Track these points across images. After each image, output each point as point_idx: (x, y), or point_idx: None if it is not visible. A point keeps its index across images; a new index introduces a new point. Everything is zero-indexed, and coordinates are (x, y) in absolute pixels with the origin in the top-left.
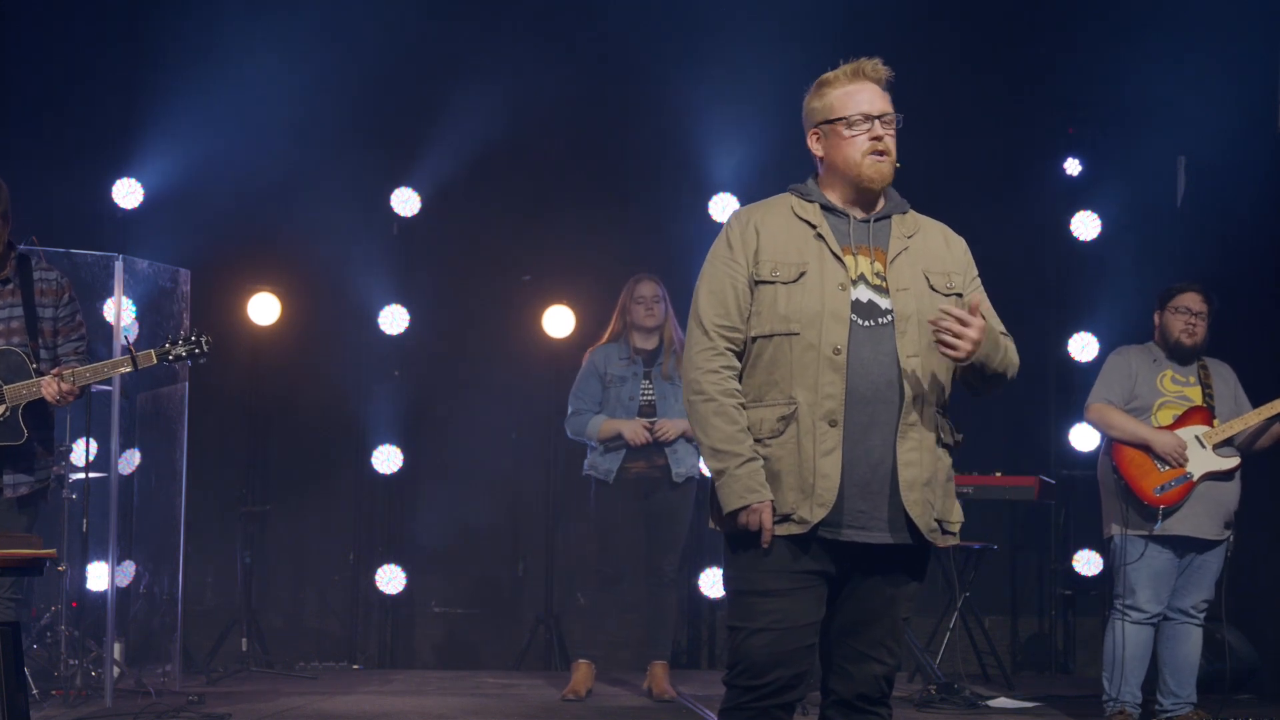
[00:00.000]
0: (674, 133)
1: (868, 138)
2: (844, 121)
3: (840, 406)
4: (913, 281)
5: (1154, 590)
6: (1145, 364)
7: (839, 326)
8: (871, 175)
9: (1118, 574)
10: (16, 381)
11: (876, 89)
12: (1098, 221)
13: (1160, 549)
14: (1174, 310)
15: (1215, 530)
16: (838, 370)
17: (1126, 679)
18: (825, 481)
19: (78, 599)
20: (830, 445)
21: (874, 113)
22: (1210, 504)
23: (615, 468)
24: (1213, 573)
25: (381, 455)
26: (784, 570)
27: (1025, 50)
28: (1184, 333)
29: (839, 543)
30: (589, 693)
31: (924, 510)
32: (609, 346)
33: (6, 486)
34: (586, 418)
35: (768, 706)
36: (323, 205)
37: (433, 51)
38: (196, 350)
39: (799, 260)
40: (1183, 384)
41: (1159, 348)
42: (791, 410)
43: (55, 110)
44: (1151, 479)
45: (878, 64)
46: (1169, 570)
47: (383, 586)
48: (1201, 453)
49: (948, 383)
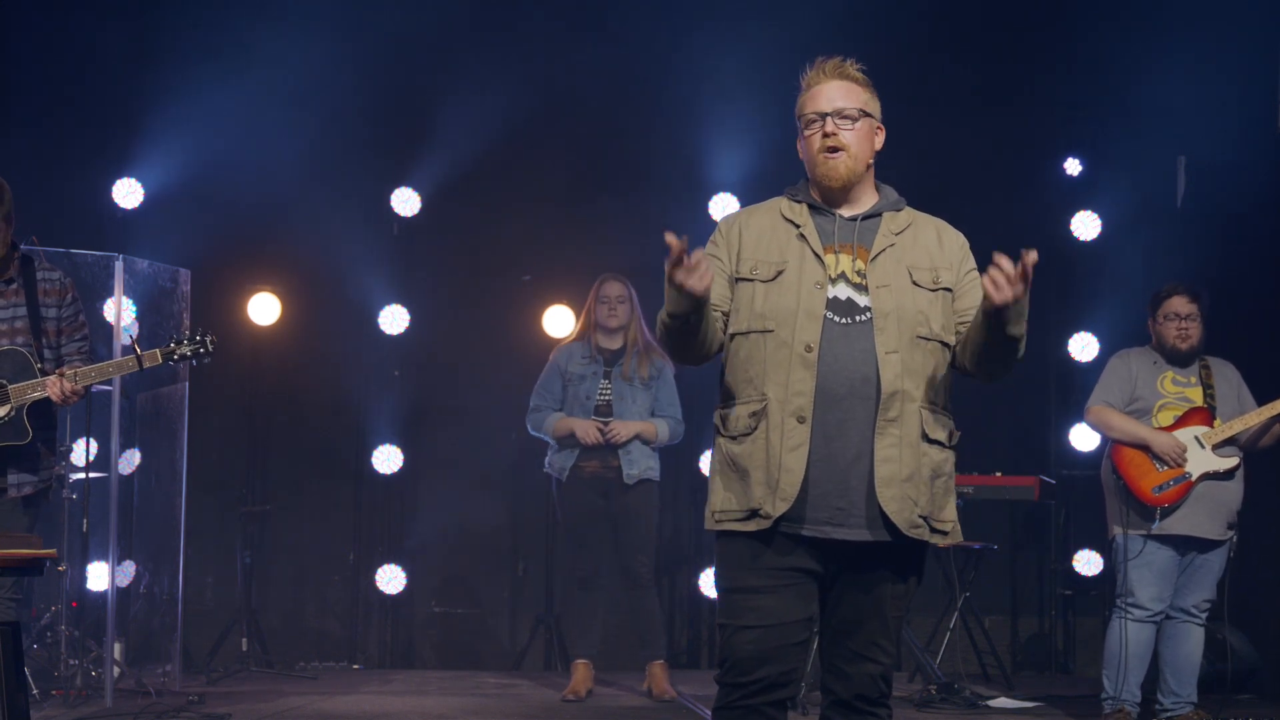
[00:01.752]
0: (674, 133)
1: (820, 135)
2: (802, 121)
3: (809, 403)
4: (894, 278)
5: (1157, 588)
6: (1146, 366)
7: (812, 324)
8: (823, 173)
9: (1119, 572)
10: (21, 381)
11: (837, 86)
12: (1098, 221)
13: (1160, 546)
14: (1164, 318)
15: (1217, 530)
16: (809, 368)
17: (1127, 678)
18: (789, 476)
19: (78, 599)
20: (797, 441)
21: (825, 110)
22: (1211, 504)
23: (569, 466)
24: (1215, 572)
25: (381, 455)
26: (764, 567)
27: (1025, 50)
28: (1178, 338)
29: (822, 541)
30: (589, 693)
31: (901, 506)
32: (573, 345)
33: (11, 486)
34: (544, 414)
35: (757, 704)
36: (323, 205)
37: (433, 52)
38: (201, 350)
39: (779, 259)
40: (1184, 385)
41: (1157, 352)
42: (762, 406)
43: (55, 110)
44: (1150, 479)
45: (838, 61)
46: (1171, 568)
47: (383, 586)
48: (1201, 453)
49: (939, 379)
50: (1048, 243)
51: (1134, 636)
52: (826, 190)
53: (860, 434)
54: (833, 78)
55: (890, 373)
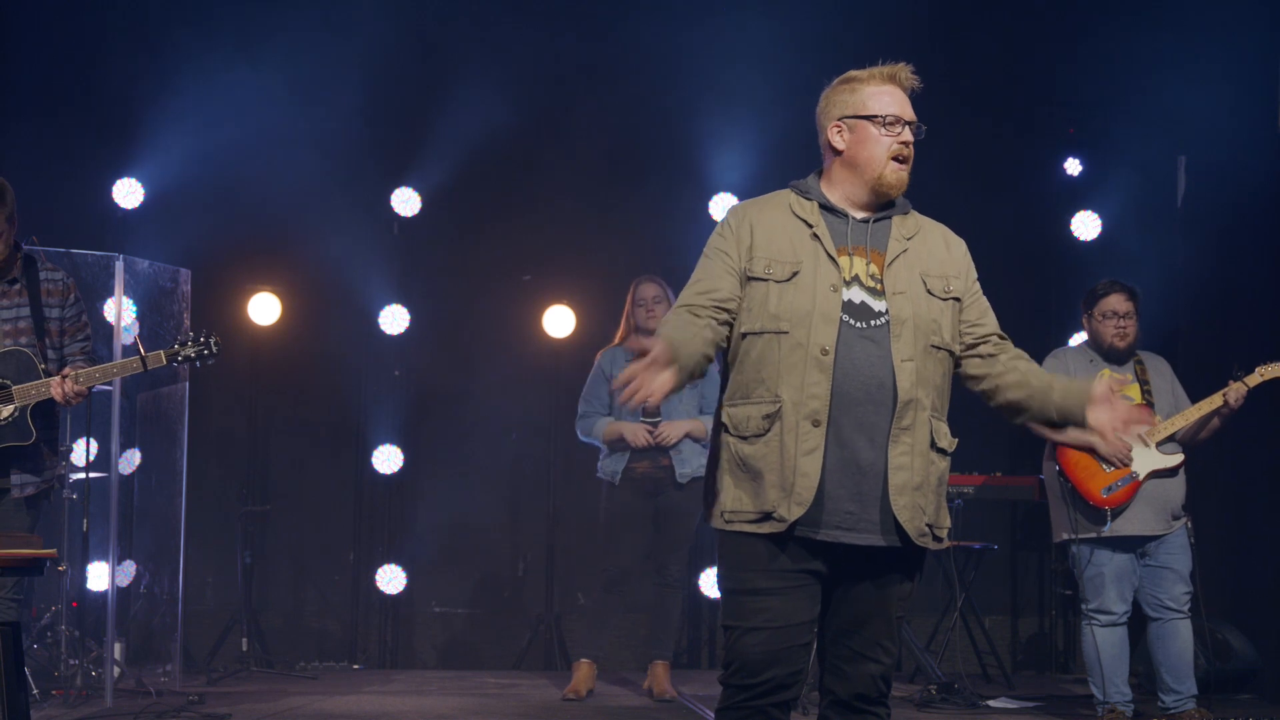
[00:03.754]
0: (674, 133)
1: (897, 141)
2: (878, 120)
3: (825, 407)
4: (909, 285)
5: (1117, 590)
6: (1083, 365)
7: (828, 327)
8: (891, 181)
9: (1080, 581)
10: (25, 382)
11: (906, 96)
12: (1098, 221)
13: (1113, 551)
14: (1101, 316)
15: (1163, 525)
16: (824, 371)
17: (1110, 680)
18: (804, 480)
19: (78, 599)
20: (812, 445)
21: (907, 118)
22: (1156, 501)
23: (620, 469)
24: (1181, 563)
25: (381, 455)
26: (776, 569)
27: (1026, 50)
28: (1116, 336)
29: (829, 543)
30: (590, 693)
31: (913, 515)
32: (617, 349)
33: (14, 486)
34: (593, 420)
35: (763, 705)
36: (323, 205)
37: (433, 51)
38: (205, 351)
39: (793, 259)
40: (1121, 383)
41: (1093, 350)
42: (776, 408)
43: (56, 110)
44: (1098, 480)
45: (910, 72)
46: (1128, 569)
47: (383, 586)
48: (1145, 451)
49: (946, 388)
50: (1048, 243)
51: (1105, 640)
52: (872, 194)
53: (873, 440)
54: (909, 86)
55: (906, 381)
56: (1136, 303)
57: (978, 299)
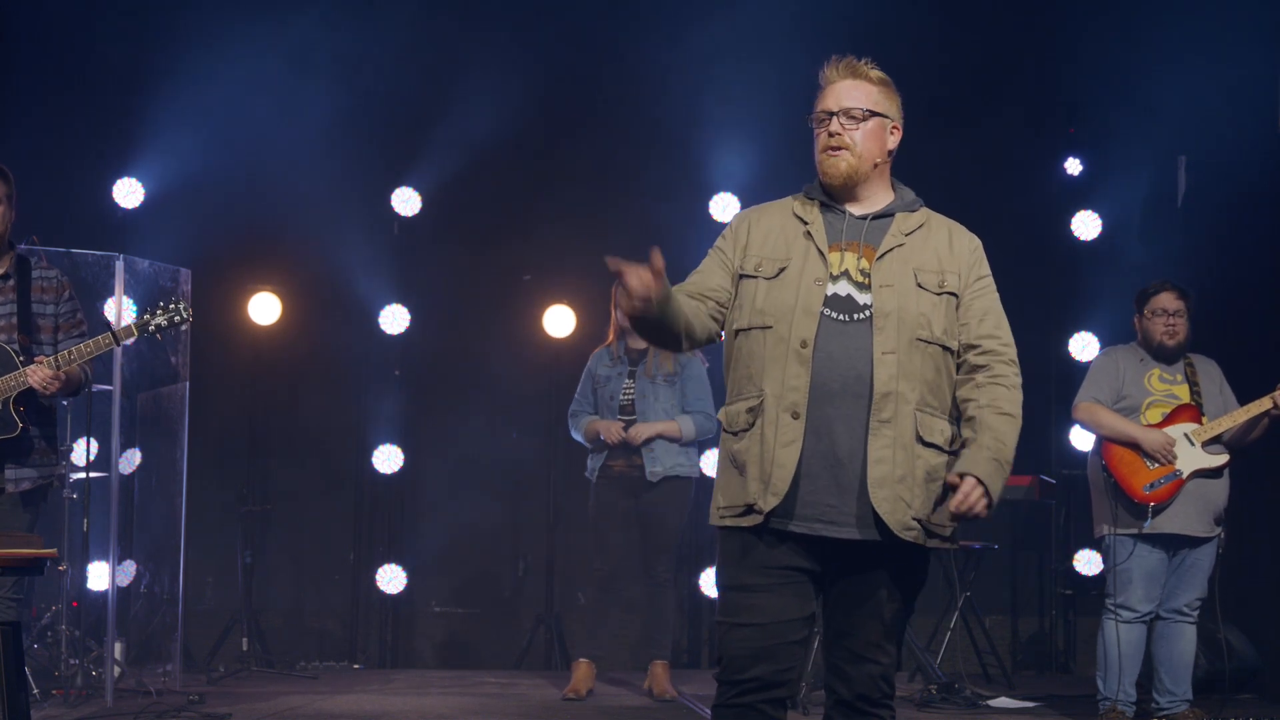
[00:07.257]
0: (674, 133)
1: (825, 133)
2: (813, 120)
3: (804, 399)
4: (898, 279)
5: (1145, 589)
6: (1133, 363)
7: (809, 320)
8: (825, 171)
9: (1109, 573)
10: (3, 375)
11: (847, 85)
12: (1098, 221)
13: (1151, 548)
14: (1152, 314)
15: (1205, 528)
16: (804, 363)
17: (1120, 678)
18: (780, 471)
19: (78, 598)
20: (791, 437)
21: (832, 109)
22: (1199, 501)
23: (598, 467)
24: (1205, 570)
25: (381, 455)
26: (764, 566)
27: (1026, 50)
28: (1165, 334)
29: (816, 539)
30: (590, 692)
31: (894, 507)
32: (604, 349)
33: (9, 482)
34: (580, 419)
35: (753, 702)
36: (323, 205)
37: (433, 51)
38: (177, 318)
39: (783, 256)
40: (1170, 382)
41: (1144, 349)
42: (759, 402)
43: (56, 110)
44: (1141, 477)
45: (851, 60)
46: (1160, 569)
47: (383, 586)
48: (1190, 450)
49: (941, 382)
50: (1048, 243)
51: (1125, 637)
52: (831, 188)
53: (853, 432)
54: (844, 77)
55: (884, 373)
56: (1187, 302)
57: (977, 299)
